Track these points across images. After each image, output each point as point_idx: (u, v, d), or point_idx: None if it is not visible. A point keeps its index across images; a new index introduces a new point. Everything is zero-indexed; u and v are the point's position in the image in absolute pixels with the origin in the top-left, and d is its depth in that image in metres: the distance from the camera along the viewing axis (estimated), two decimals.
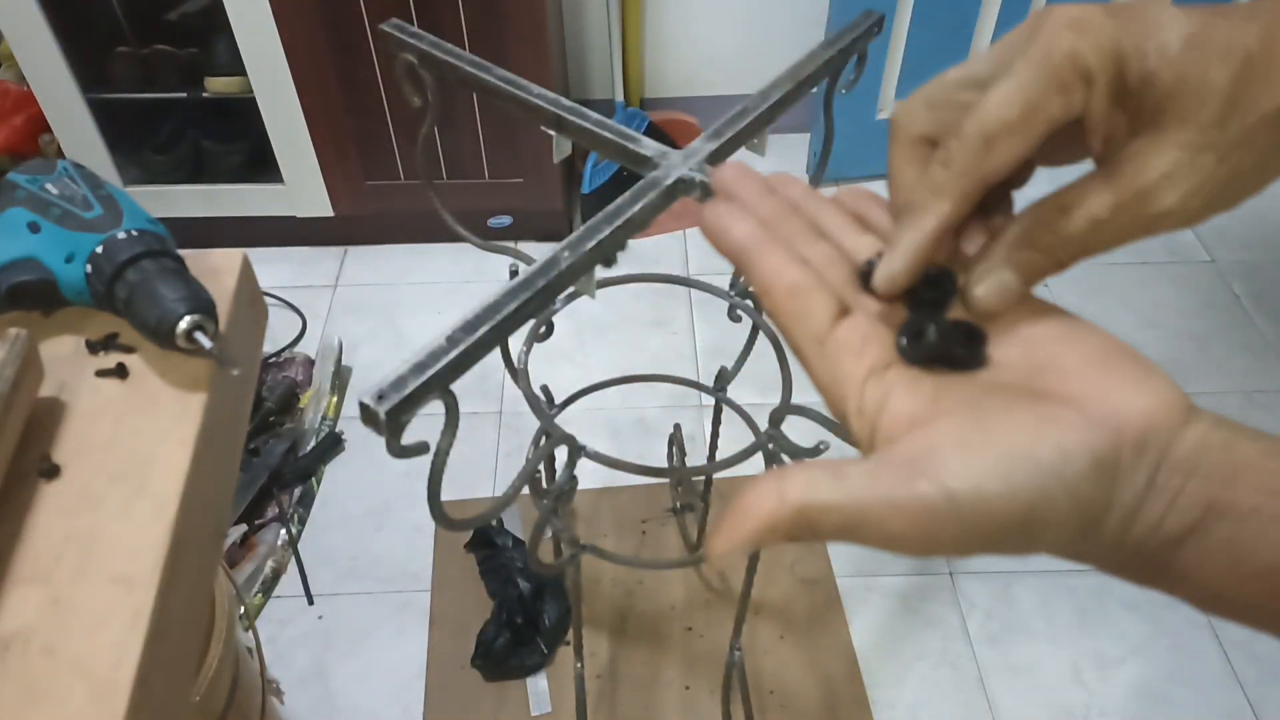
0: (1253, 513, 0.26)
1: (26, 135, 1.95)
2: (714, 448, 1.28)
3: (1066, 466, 0.26)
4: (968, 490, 0.25)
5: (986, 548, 0.27)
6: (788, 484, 0.27)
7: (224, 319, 0.63)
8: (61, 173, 0.63)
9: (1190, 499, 0.26)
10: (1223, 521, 0.26)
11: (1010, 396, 0.28)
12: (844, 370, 0.30)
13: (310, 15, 1.68)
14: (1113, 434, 0.26)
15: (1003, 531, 0.26)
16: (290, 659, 1.44)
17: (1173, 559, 0.27)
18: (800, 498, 0.26)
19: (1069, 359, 0.29)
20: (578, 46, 2.20)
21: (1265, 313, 1.94)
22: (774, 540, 0.27)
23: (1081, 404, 0.27)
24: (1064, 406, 0.27)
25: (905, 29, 1.98)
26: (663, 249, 2.07)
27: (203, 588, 0.65)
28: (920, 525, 0.26)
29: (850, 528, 0.26)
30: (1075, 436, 0.26)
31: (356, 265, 2.06)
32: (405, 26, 0.71)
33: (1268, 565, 0.26)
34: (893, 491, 0.26)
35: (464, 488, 1.63)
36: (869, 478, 0.26)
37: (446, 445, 0.49)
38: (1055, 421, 0.27)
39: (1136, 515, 0.27)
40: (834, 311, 0.31)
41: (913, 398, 0.29)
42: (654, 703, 1.39)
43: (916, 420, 0.28)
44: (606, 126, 0.63)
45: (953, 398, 0.28)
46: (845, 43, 0.71)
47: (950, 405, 0.28)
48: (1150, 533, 0.27)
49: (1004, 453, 0.26)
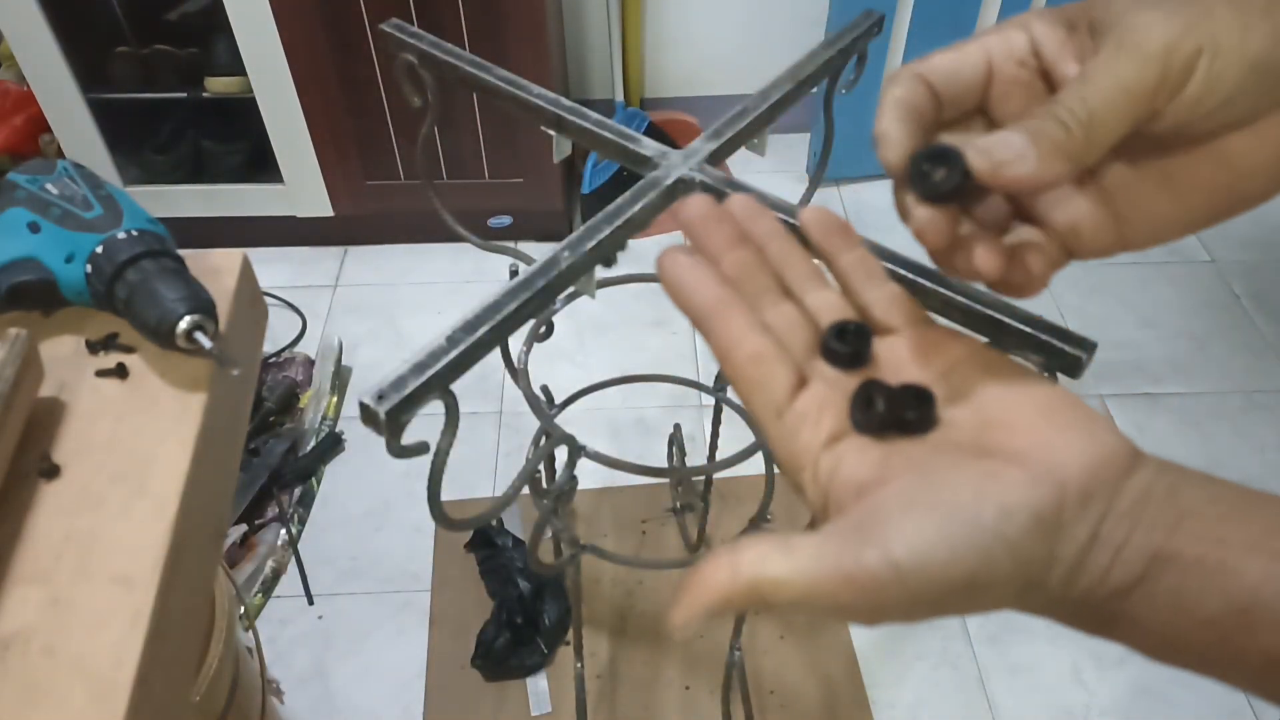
0: (1196, 562, 0.26)
1: (26, 135, 1.95)
2: (714, 448, 1.28)
3: (1008, 525, 0.26)
4: (911, 559, 0.25)
5: (933, 612, 0.27)
6: (741, 558, 0.27)
7: (224, 319, 0.63)
8: (61, 173, 0.63)
9: (1135, 549, 0.26)
10: (1168, 571, 0.26)
11: (957, 455, 0.28)
12: (801, 442, 0.30)
13: (310, 15, 1.68)
14: (1056, 488, 0.26)
15: (947, 596, 0.26)
16: (290, 659, 1.44)
17: (1121, 609, 0.27)
18: (752, 573, 0.27)
19: (1016, 413, 0.29)
20: (578, 46, 2.20)
21: (1265, 313, 1.94)
22: (730, 611, 0.27)
23: (1025, 459, 0.27)
24: (1008, 463, 0.27)
25: (905, 29, 1.98)
26: (663, 249, 2.07)
27: (203, 588, 0.65)
28: (868, 596, 0.26)
29: (801, 601, 0.26)
30: (1017, 493, 0.26)
31: (356, 265, 2.06)
32: (405, 26, 0.71)
33: (1213, 614, 0.26)
34: (840, 563, 0.26)
35: (464, 488, 1.63)
36: (817, 550, 0.26)
37: (446, 445, 0.49)
38: (998, 478, 0.27)
39: (1081, 568, 0.27)
40: (793, 382, 0.31)
41: (862, 464, 0.29)
42: (654, 703, 1.39)
43: (865, 486, 0.28)
44: (606, 126, 0.63)
45: (901, 460, 0.28)
46: (845, 43, 0.71)
47: (898, 468, 0.28)
48: (1096, 584, 0.27)
49: (947, 514, 0.26)
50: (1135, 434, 1.72)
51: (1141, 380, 1.82)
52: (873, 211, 2.15)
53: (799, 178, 2.22)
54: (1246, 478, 1.41)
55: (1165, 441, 1.71)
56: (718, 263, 0.34)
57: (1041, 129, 0.28)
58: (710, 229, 0.34)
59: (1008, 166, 0.28)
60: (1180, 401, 1.78)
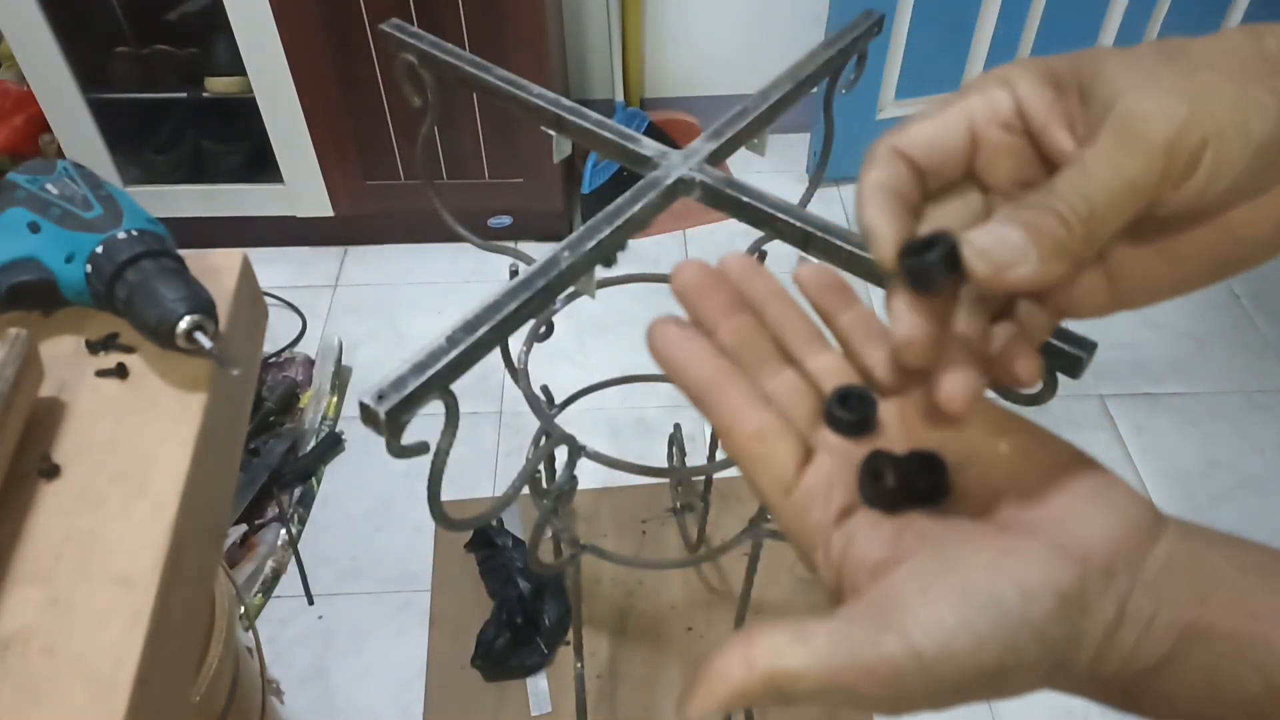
0: (1229, 637, 0.25)
1: (26, 135, 1.95)
2: (714, 448, 1.28)
3: (1032, 607, 0.25)
4: (934, 647, 0.24)
5: (958, 699, 0.26)
6: (755, 650, 0.26)
7: (224, 319, 0.63)
8: (61, 173, 0.63)
9: (1163, 625, 0.25)
10: (1199, 647, 0.25)
11: (971, 528, 0.27)
12: (811, 521, 0.29)
13: (310, 15, 1.68)
14: (1077, 564, 0.25)
15: (973, 683, 0.25)
16: (290, 659, 1.44)
17: (1152, 687, 0.26)
18: (767, 665, 0.25)
19: (1029, 480, 0.28)
20: (578, 46, 2.20)
21: (1265, 313, 1.94)
22: (746, 705, 0.26)
23: (1043, 532, 0.26)
24: (1026, 536, 0.26)
25: (905, 29, 1.98)
26: (663, 249, 2.07)
27: (203, 588, 0.65)
28: (890, 687, 0.25)
29: (820, 692, 0.25)
30: (1038, 573, 0.25)
31: (356, 265, 2.06)
32: (405, 26, 0.71)
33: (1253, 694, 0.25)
34: (860, 653, 0.25)
35: (464, 488, 1.63)
36: (835, 639, 0.25)
37: (446, 445, 0.49)
38: (1017, 554, 0.26)
39: (1109, 647, 0.26)
40: (799, 457, 0.30)
41: (875, 542, 0.28)
42: (654, 703, 1.39)
43: (879, 567, 0.27)
44: (606, 126, 0.63)
45: (915, 535, 0.27)
46: (845, 43, 0.71)
47: (912, 544, 0.27)
48: (1125, 664, 0.26)
49: (967, 597, 0.25)
50: (1135, 434, 1.72)
51: (1141, 380, 1.82)
52: None
53: (799, 178, 2.22)
54: (1246, 478, 1.41)
55: (1165, 441, 1.71)
56: (714, 331, 0.32)
57: (1041, 225, 0.26)
58: (705, 296, 0.33)
59: (1009, 269, 0.26)
60: (1180, 401, 1.78)
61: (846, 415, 0.31)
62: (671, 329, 0.32)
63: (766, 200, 0.55)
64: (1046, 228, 0.26)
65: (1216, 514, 1.60)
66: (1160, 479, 1.66)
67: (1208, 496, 1.63)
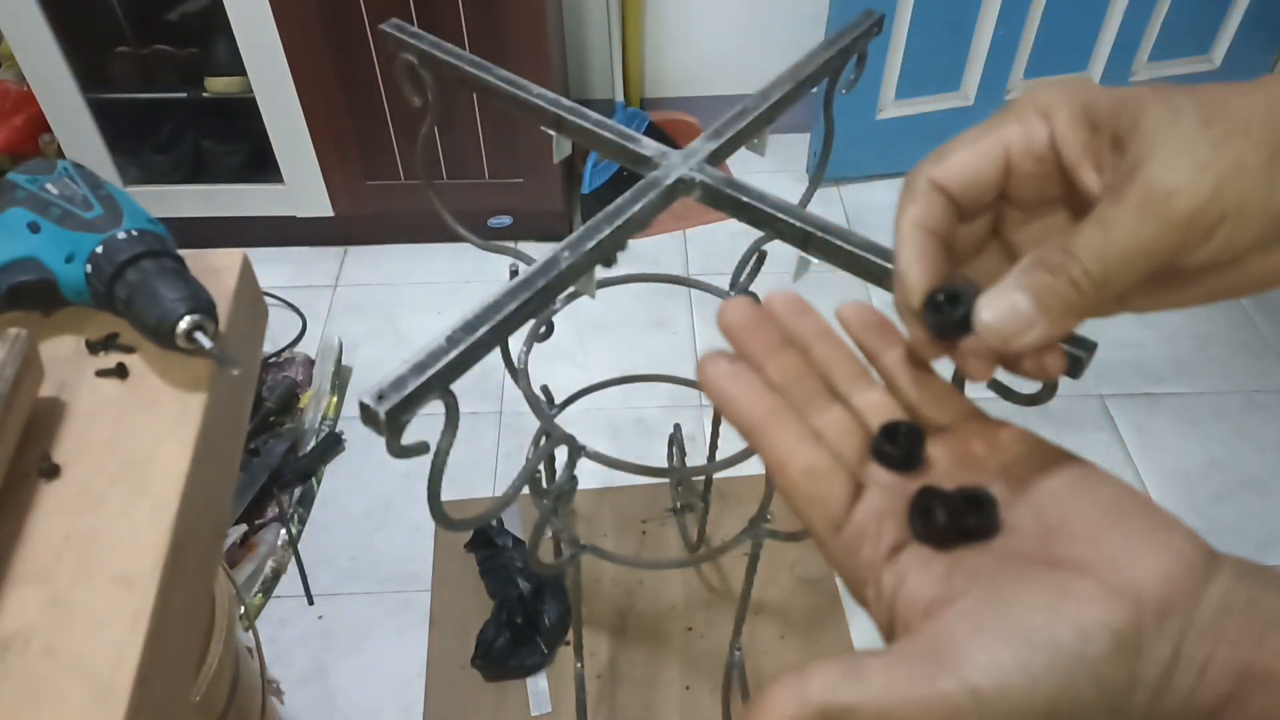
0: None
1: (26, 135, 1.95)
2: (714, 448, 1.28)
3: (1087, 648, 0.25)
4: (991, 686, 0.25)
5: None
6: (809, 685, 0.26)
7: (224, 319, 0.63)
8: (61, 173, 0.63)
9: (1220, 668, 0.25)
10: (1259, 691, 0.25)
11: (1023, 566, 0.27)
12: (863, 559, 0.30)
13: (310, 15, 1.68)
14: (1132, 605, 0.25)
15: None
16: (290, 659, 1.44)
17: None
18: (822, 700, 0.26)
19: (1081, 518, 0.28)
20: (578, 46, 2.20)
21: (1265, 313, 1.94)
22: None
23: (1096, 571, 0.26)
24: (1079, 575, 0.26)
25: (905, 29, 1.98)
26: (663, 249, 2.07)
27: (203, 588, 0.65)
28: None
29: None
30: (1093, 612, 0.25)
31: (356, 265, 2.06)
32: (405, 26, 0.71)
33: None
34: (915, 689, 0.25)
35: (464, 488, 1.63)
36: (890, 675, 0.26)
37: (446, 445, 0.49)
38: (1071, 594, 0.26)
39: (1165, 689, 0.25)
40: (849, 494, 0.30)
41: (927, 580, 0.28)
42: (654, 703, 1.39)
43: (932, 606, 0.27)
44: (606, 126, 0.63)
45: (966, 573, 0.28)
46: (845, 43, 0.71)
47: (964, 584, 0.27)
48: (1182, 706, 0.25)
49: (1023, 636, 0.25)
50: (1135, 434, 1.72)
51: (1142, 380, 1.82)
52: (873, 211, 2.15)
53: (799, 178, 2.22)
54: (1246, 478, 1.41)
55: (1165, 441, 1.71)
56: (762, 368, 0.33)
57: (1053, 290, 0.28)
58: (752, 334, 0.34)
59: (1019, 338, 0.28)
60: (1180, 401, 1.78)
61: (895, 450, 0.31)
62: (723, 364, 0.32)
63: (766, 200, 0.55)
64: (1058, 291, 0.28)
65: (1216, 514, 1.60)
66: (1160, 479, 1.66)
67: (1208, 496, 1.63)
